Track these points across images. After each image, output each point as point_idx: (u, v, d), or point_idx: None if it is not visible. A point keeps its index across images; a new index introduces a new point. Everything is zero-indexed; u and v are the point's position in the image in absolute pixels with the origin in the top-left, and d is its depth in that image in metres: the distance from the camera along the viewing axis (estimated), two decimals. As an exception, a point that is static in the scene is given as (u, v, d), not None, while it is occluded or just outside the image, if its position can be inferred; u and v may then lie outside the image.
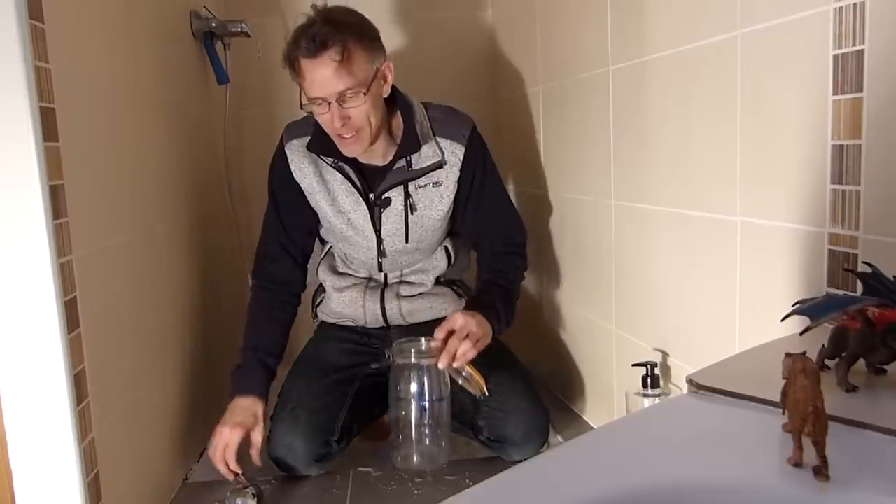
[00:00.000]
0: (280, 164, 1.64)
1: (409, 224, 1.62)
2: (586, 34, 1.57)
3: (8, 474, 1.07)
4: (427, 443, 1.44)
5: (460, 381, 1.45)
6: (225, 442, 1.48)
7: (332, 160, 1.58)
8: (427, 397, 1.42)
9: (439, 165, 1.59)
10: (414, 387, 1.41)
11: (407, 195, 1.60)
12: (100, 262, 1.21)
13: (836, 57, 0.87)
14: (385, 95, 1.53)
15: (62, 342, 1.06)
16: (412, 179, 1.59)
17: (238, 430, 1.49)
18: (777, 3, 0.97)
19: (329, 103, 1.44)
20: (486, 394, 1.46)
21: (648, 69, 1.32)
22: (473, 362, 1.43)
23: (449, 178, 1.60)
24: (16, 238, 1.03)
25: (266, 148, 1.77)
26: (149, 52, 1.54)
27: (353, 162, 1.58)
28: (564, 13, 1.70)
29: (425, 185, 1.60)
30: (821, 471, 0.52)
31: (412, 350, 1.43)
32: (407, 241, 1.64)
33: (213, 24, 1.95)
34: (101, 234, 1.23)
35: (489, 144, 1.68)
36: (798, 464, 0.54)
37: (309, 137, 1.59)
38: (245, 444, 1.49)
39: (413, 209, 1.61)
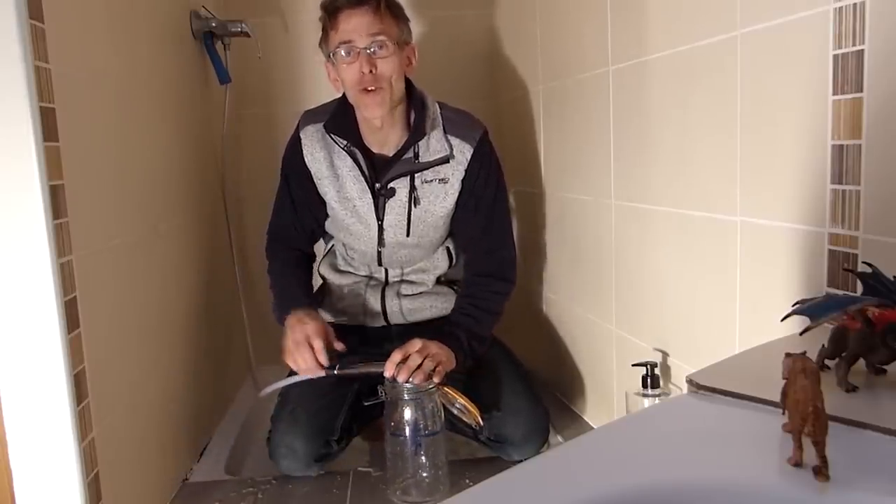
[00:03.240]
0: (294, 148, 1.68)
1: (412, 217, 1.63)
2: (586, 34, 1.57)
3: (8, 474, 1.07)
4: (424, 475, 1.43)
5: (455, 412, 1.45)
6: (305, 337, 1.49)
7: (345, 143, 1.61)
8: (422, 432, 1.41)
9: (446, 160, 1.60)
10: (408, 422, 1.41)
11: (412, 188, 1.61)
12: (100, 262, 1.21)
13: (836, 57, 0.87)
14: (409, 75, 1.60)
15: (62, 342, 1.06)
16: (418, 171, 1.60)
17: (309, 326, 1.50)
18: (777, 3, 0.97)
19: (359, 52, 1.50)
20: (482, 424, 1.47)
21: (648, 69, 1.32)
22: (468, 395, 1.45)
23: (455, 175, 1.61)
24: (16, 238, 1.03)
25: (266, 148, 1.78)
26: (149, 52, 1.54)
27: (364, 149, 1.61)
28: (565, 13, 1.70)
29: (431, 180, 1.61)
30: (821, 471, 0.52)
31: (404, 385, 1.43)
32: (408, 234, 1.65)
33: (213, 24, 1.95)
34: (102, 234, 1.23)
35: (489, 144, 1.68)
36: (798, 464, 0.54)
37: (324, 122, 1.62)
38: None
39: (417, 202, 1.62)
